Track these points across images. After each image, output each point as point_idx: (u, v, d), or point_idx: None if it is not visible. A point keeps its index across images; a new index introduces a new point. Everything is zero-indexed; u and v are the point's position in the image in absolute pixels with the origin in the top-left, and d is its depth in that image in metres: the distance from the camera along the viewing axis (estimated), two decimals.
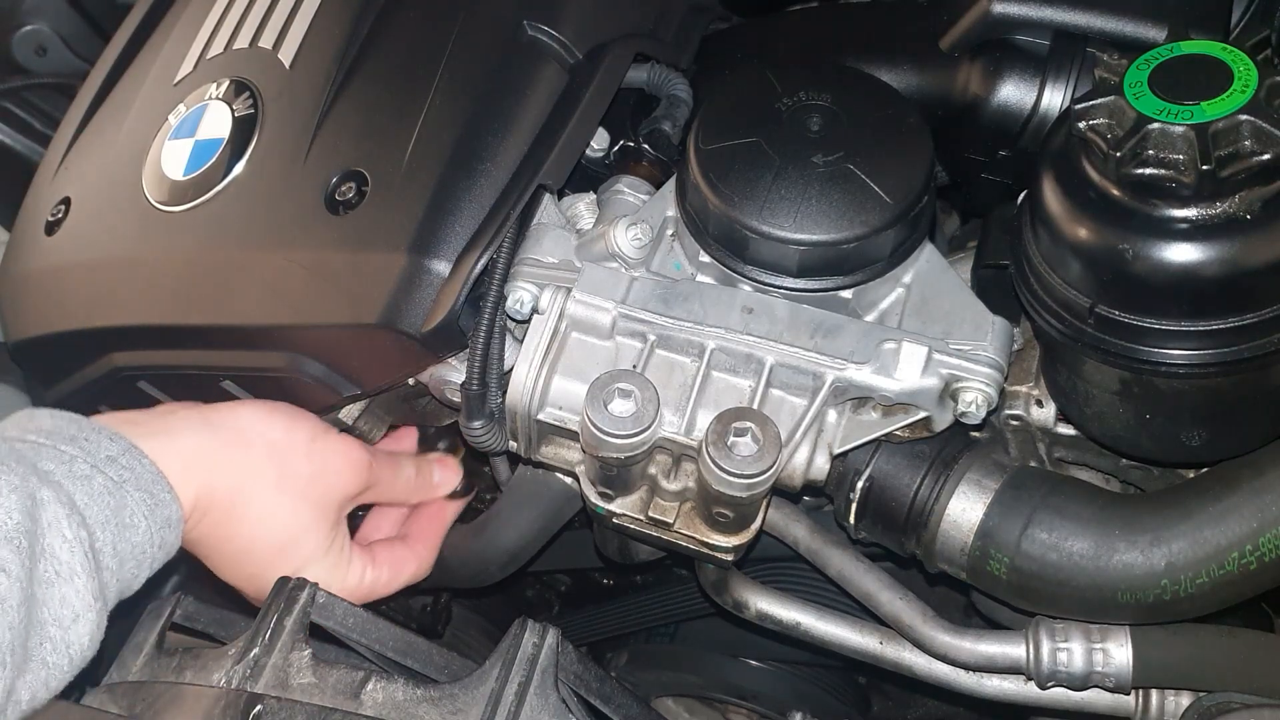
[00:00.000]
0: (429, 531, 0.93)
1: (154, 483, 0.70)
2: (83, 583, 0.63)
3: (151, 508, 0.69)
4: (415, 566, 0.90)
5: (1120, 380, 0.72)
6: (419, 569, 0.90)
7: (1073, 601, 0.74)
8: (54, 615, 0.62)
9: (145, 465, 0.71)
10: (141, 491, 0.69)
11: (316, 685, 0.73)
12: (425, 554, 0.91)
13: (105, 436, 0.70)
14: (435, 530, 0.93)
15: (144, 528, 0.68)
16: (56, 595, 0.62)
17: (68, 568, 0.63)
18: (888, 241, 0.76)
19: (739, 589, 0.90)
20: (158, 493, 0.70)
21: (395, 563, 0.88)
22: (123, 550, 0.67)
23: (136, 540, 0.68)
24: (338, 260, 0.80)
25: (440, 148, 0.81)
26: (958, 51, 0.88)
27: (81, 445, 0.69)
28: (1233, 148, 0.63)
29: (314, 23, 0.92)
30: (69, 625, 0.63)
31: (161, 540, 0.70)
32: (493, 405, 0.81)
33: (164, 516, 0.70)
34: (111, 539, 0.66)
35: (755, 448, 0.70)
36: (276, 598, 0.76)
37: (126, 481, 0.69)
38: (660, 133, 0.90)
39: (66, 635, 0.62)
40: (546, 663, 0.74)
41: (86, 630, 0.64)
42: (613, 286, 0.79)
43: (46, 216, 0.97)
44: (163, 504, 0.70)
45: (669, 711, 1.19)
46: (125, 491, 0.68)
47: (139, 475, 0.70)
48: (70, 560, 0.63)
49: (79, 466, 0.67)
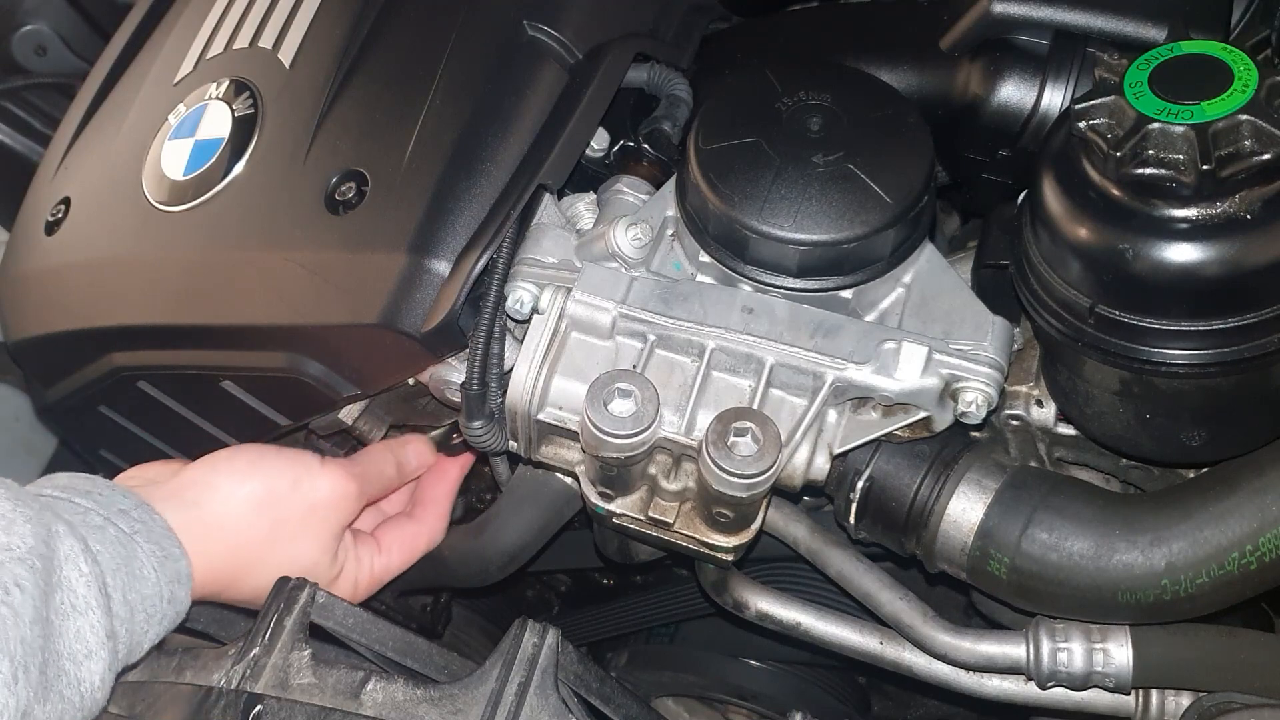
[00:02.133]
0: (435, 498, 0.94)
1: (164, 537, 0.72)
2: (97, 619, 0.64)
3: (161, 560, 0.70)
4: (427, 537, 0.92)
5: (1120, 380, 0.72)
6: (431, 538, 0.93)
7: (1073, 601, 0.74)
8: (69, 649, 0.62)
9: (156, 521, 0.72)
10: (152, 544, 0.70)
11: (316, 685, 0.73)
12: (434, 522, 0.93)
13: (119, 493, 0.72)
14: (441, 495, 0.95)
15: (154, 580, 0.69)
16: (72, 629, 0.63)
17: (84, 601, 0.63)
18: (888, 241, 0.76)
19: (739, 589, 0.90)
20: (168, 547, 0.71)
21: (404, 541, 0.90)
22: (133, 600, 0.68)
23: (147, 592, 0.69)
24: (338, 260, 0.80)
25: (440, 147, 0.81)
26: (958, 51, 0.88)
27: (95, 499, 0.70)
28: (1233, 148, 0.63)
29: (314, 23, 0.92)
30: (82, 661, 0.63)
31: (171, 595, 0.71)
32: (493, 405, 0.81)
33: (174, 571, 0.71)
34: (122, 586, 0.67)
35: (755, 448, 0.70)
36: (276, 598, 0.76)
37: (138, 533, 0.70)
38: (660, 133, 0.90)
39: (79, 671, 0.63)
40: (546, 663, 0.74)
41: (98, 670, 0.64)
42: (613, 286, 0.79)
43: (46, 216, 0.97)
44: (172, 558, 0.71)
45: (669, 711, 1.19)
46: (136, 543, 0.69)
47: (150, 529, 0.71)
48: (86, 594, 0.64)
49: (92, 517, 0.69)
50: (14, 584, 0.60)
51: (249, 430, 0.93)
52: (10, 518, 0.63)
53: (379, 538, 0.89)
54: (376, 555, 0.88)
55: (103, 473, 1.07)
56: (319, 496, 0.82)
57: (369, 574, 0.87)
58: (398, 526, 0.91)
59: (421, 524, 0.92)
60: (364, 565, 0.87)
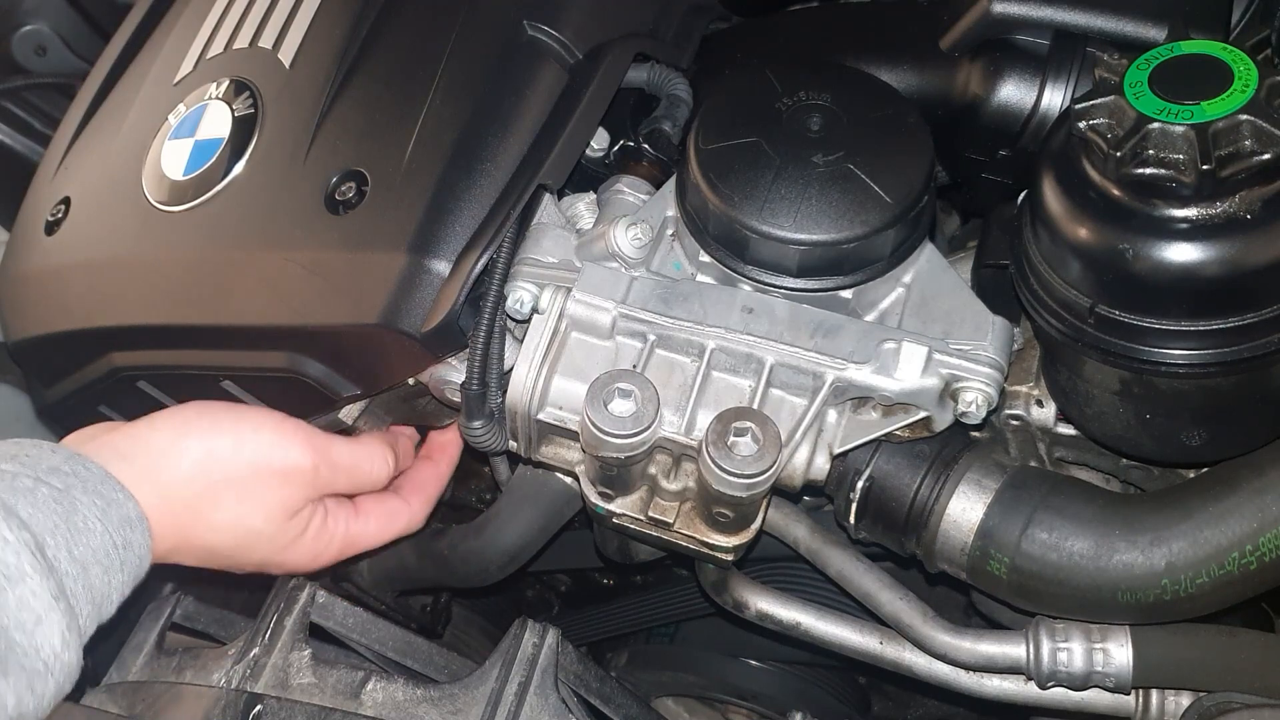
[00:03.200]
0: (422, 484, 0.91)
1: (103, 483, 0.69)
2: (36, 584, 0.62)
3: (104, 509, 0.67)
4: (407, 517, 0.88)
5: (1120, 380, 0.72)
6: (411, 519, 0.89)
7: (1073, 601, 0.74)
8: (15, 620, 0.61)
9: (92, 469, 0.69)
10: (90, 495, 0.67)
11: (316, 685, 0.73)
12: (419, 505, 0.89)
13: (47, 450, 0.69)
14: (430, 481, 0.92)
15: (100, 530, 0.67)
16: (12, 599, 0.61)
17: (15, 569, 0.61)
18: (888, 241, 0.76)
19: (739, 589, 0.90)
20: (108, 494, 0.68)
21: (384, 515, 0.87)
22: (81, 555, 0.65)
23: (95, 544, 0.66)
24: (338, 260, 0.80)
25: (440, 147, 0.81)
26: (958, 51, 0.88)
27: (22, 461, 0.67)
28: (1233, 147, 0.63)
29: (314, 23, 0.92)
30: (33, 629, 0.61)
31: (125, 540, 0.68)
32: (493, 405, 0.81)
33: (120, 515, 0.68)
34: (65, 543, 0.65)
35: (755, 448, 0.70)
36: (276, 598, 0.76)
37: (73, 488, 0.67)
38: (660, 132, 0.90)
39: (33, 639, 0.61)
40: (546, 663, 0.74)
41: (55, 632, 0.62)
42: (613, 286, 0.79)
43: (46, 216, 0.97)
44: (116, 504, 0.68)
45: (669, 711, 1.19)
46: (73, 497, 0.66)
47: (85, 480, 0.68)
48: (16, 562, 0.62)
49: (21, 481, 0.66)
50: None
51: None
52: None
53: (358, 503, 0.86)
54: (353, 519, 0.84)
55: None
56: (264, 461, 0.77)
57: (341, 536, 0.83)
58: (379, 499, 0.87)
59: (404, 503, 0.89)
60: (336, 525, 0.83)
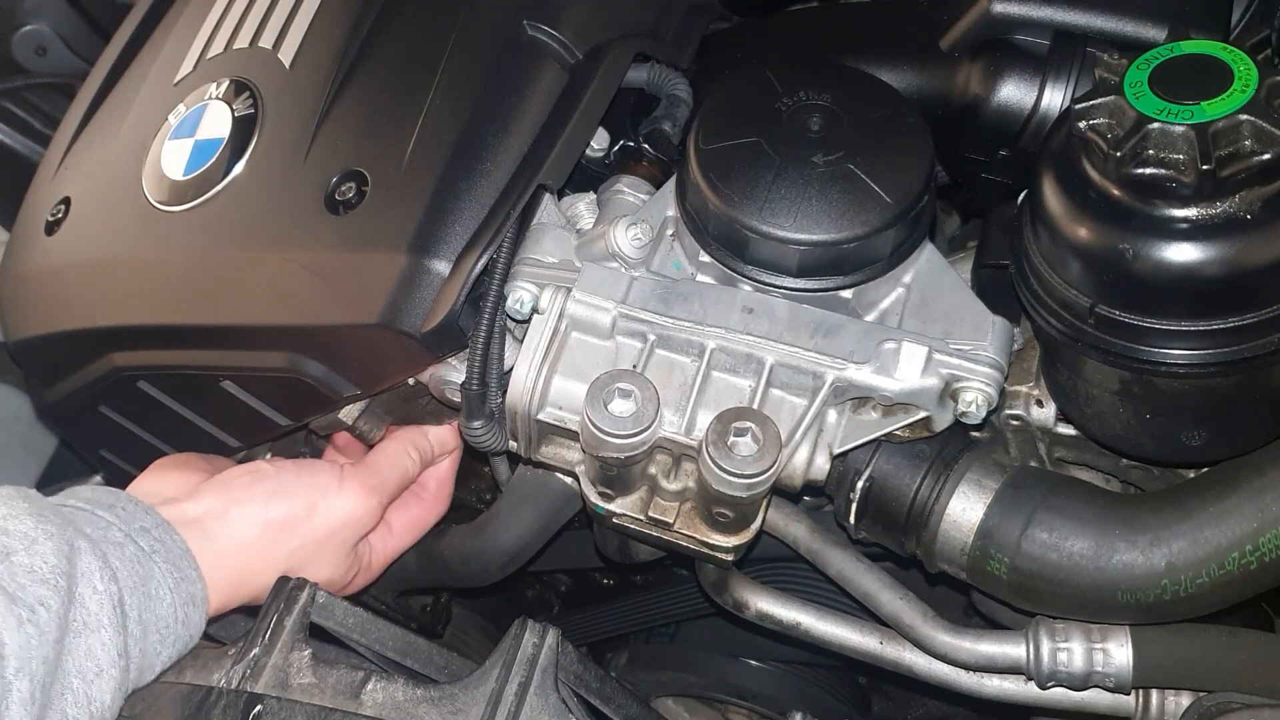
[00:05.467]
0: (439, 475, 0.94)
1: (182, 559, 0.72)
2: (109, 636, 0.64)
3: (178, 582, 0.70)
4: (435, 514, 0.93)
5: (1120, 380, 0.72)
6: (438, 514, 0.94)
7: (1073, 601, 0.74)
8: (78, 666, 0.62)
9: (176, 541, 0.72)
10: (169, 565, 0.70)
11: (316, 685, 0.73)
12: (441, 498, 0.94)
13: (141, 510, 0.72)
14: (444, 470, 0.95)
15: (169, 601, 0.69)
16: (83, 646, 0.62)
17: (95, 619, 0.63)
18: (888, 241, 0.76)
19: (739, 589, 0.90)
20: (184, 569, 0.71)
21: (413, 522, 0.91)
22: (147, 619, 0.68)
23: (161, 612, 0.69)
24: (338, 260, 0.80)
25: (440, 147, 0.81)
26: (958, 51, 0.88)
27: (118, 514, 0.70)
28: (1233, 147, 0.63)
29: (314, 23, 0.92)
30: (92, 679, 0.63)
31: (185, 617, 0.71)
32: (493, 405, 0.81)
33: (189, 593, 0.71)
34: (138, 604, 0.67)
35: (755, 448, 0.70)
36: (276, 598, 0.76)
37: (156, 553, 0.70)
38: (660, 133, 0.90)
39: (89, 689, 0.62)
40: (546, 663, 0.74)
41: (109, 688, 0.63)
42: (613, 286, 0.79)
43: (46, 216, 0.97)
44: (188, 580, 0.71)
45: (669, 711, 1.19)
46: (154, 563, 0.69)
47: (169, 549, 0.71)
48: (99, 612, 0.64)
49: (114, 533, 0.69)
50: (39, 604, 0.60)
51: (249, 430, 0.93)
52: (33, 536, 0.63)
53: (389, 521, 0.90)
54: (388, 538, 0.89)
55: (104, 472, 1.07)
56: (337, 520, 0.82)
57: (382, 558, 0.89)
58: (405, 509, 0.91)
59: (426, 503, 0.93)
60: (376, 554, 0.88)
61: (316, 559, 0.81)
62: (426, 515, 0.93)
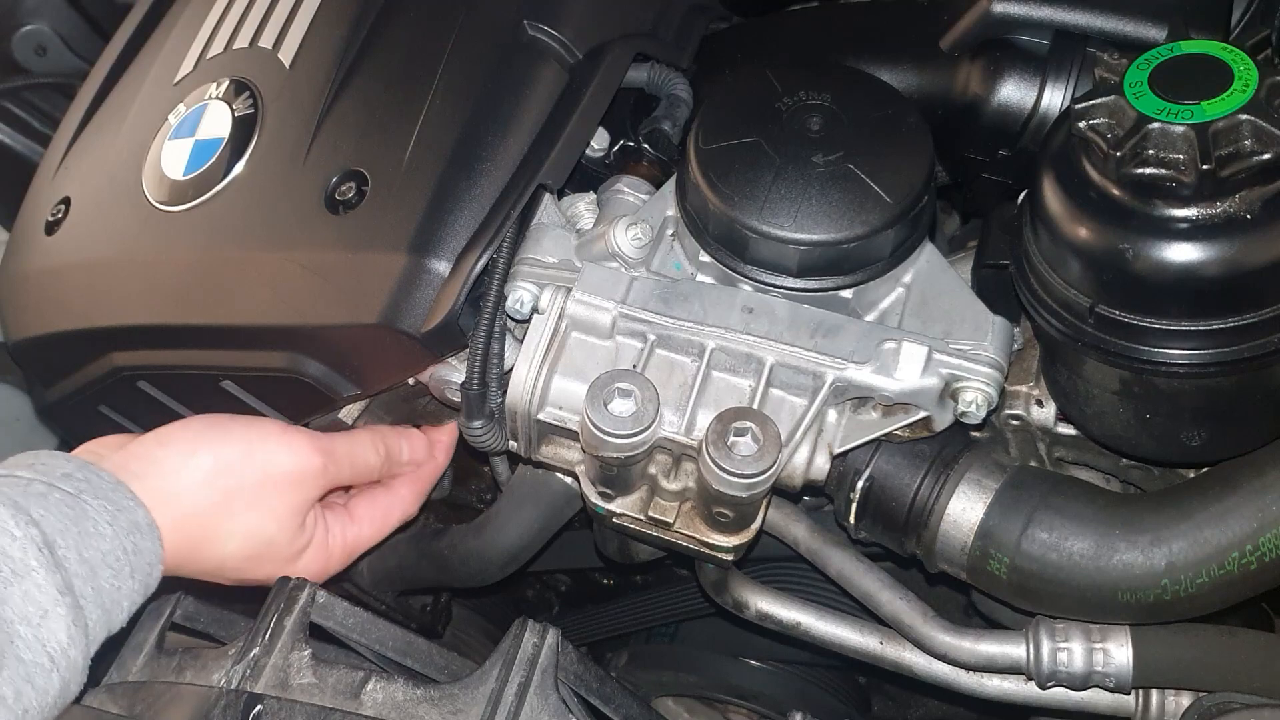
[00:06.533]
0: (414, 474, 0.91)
1: (113, 490, 0.70)
2: (42, 578, 0.63)
3: (115, 513, 0.69)
4: (401, 510, 0.89)
5: (1120, 380, 0.72)
6: (405, 511, 0.89)
7: (1073, 601, 0.74)
8: (19, 613, 0.62)
9: (103, 477, 0.70)
10: (100, 500, 0.69)
11: (316, 685, 0.73)
12: (409, 496, 0.90)
13: (61, 459, 0.71)
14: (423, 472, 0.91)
15: (110, 534, 0.68)
16: (17, 593, 0.62)
17: (21, 564, 0.63)
18: (888, 241, 0.76)
19: (739, 589, 0.90)
20: (118, 499, 0.70)
21: (377, 512, 0.88)
22: (91, 556, 0.66)
23: (105, 546, 0.67)
24: (338, 260, 0.80)
25: (440, 147, 0.81)
26: (958, 51, 0.88)
27: (37, 469, 0.69)
28: (1233, 147, 0.63)
29: (314, 22, 0.92)
30: (38, 622, 0.62)
31: (135, 546, 0.69)
32: (493, 405, 0.81)
33: (130, 521, 0.69)
34: (75, 544, 0.66)
35: (755, 447, 0.70)
36: (276, 598, 0.76)
37: (84, 492, 0.68)
38: (660, 132, 0.90)
39: (38, 633, 0.62)
40: (546, 663, 0.74)
41: (60, 626, 0.63)
42: (613, 286, 0.79)
43: (46, 216, 0.97)
44: (126, 510, 0.70)
45: (669, 711, 1.19)
46: (83, 501, 0.68)
47: (96, 486, 0.69)
48: (23, 558, 0.63)
49: (35, 486, 0.67)
50: None
51: None
52: None
53: (351, 509, 0.87)
54: (349, 525, 0.85)
55: None
56: (275, 467, 0.79)
57: (340, 545, 0.85)
58: (370, 497, 0.88)
59: (395, 495, 0.89)
60: (335, 536, 0.84)
61: (256, 506, 0.78)
62: (391, 509, 0.89)
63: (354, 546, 0.86)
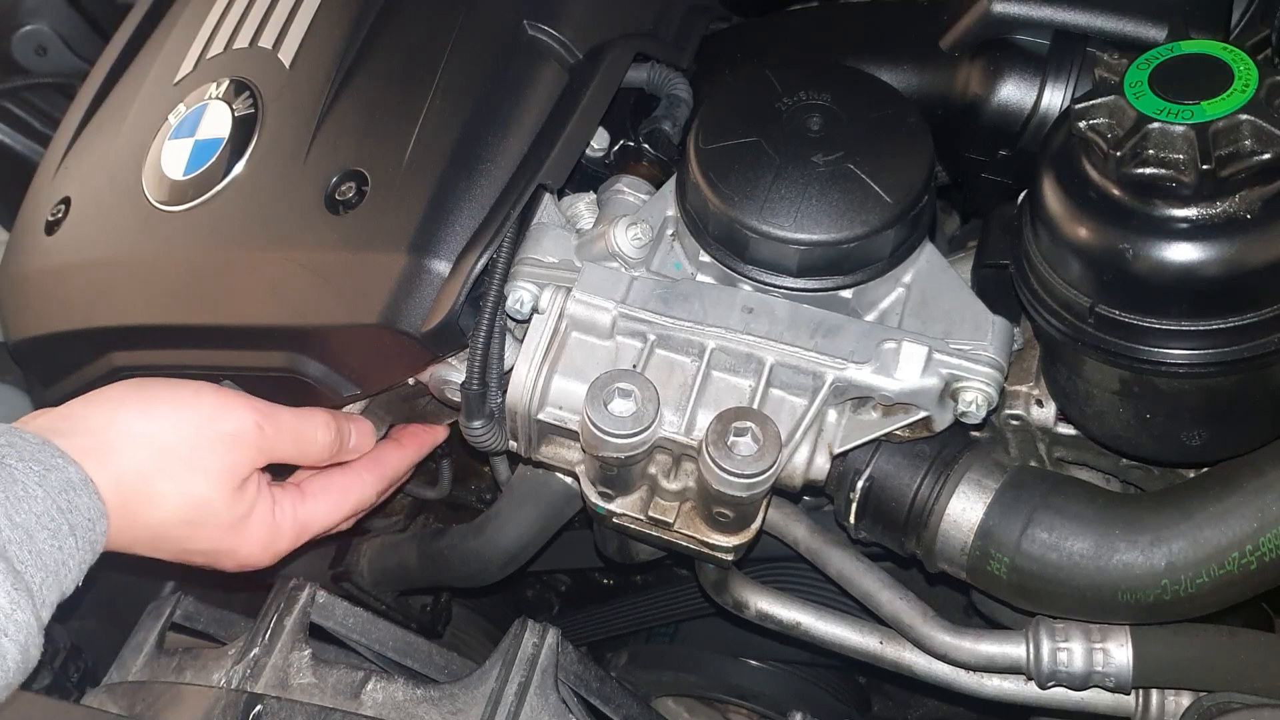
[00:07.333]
0: (381, 460, 0.89)
1: (40, 449, 0.68)
2: None
3: (43, 474, 0.67)
4: (359, 491, 0.86)
5: (1120, 380, 0.72)
6: (363, 493, 0.87)
7: (1073, 601, 0.74)
8: None
9: (27, 438, 0.68)
10: (25, 462, 0.67)
11: (316, 685, 0.73)
12: (371, 480, 0.87)
13: None
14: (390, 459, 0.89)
15: (40, 495, 0.66)
16: None
17: None
18: (888, 241, 0.76)
19: (739, 589, 0.90)
20: (46, 459, 0.68)
21: (332, 489, 0.85)
22: (24, 520, 0.64)
23: (37, 509, 0.65)
24: (338, 260, 0.80)
25: (440, 147, 0.81)
26: (958, 51, 0.88)
27: None
28: (1233, 147, 0.63)
29: (314, 22, 0.92)
30: None
31: (70, 504, 0.67)
32: (493, 405, 0.81)
33: (61, 480, 0.67)
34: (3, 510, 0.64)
35: (755, 447, 0.70)
36: (276, 598, 0.76)
37: (7, 456, 0.66)
38: (660, 132, 0.90)
39: None
40: (546, 663, 0.74)
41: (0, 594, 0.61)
42: (613, 286, 0.79)
43: (46, 216, 0.97)
44: (55, 469, 0.68)
45: (669, 711, 1.19)
46: (8, 465, 0.66)
47: (20, 448, 0.67)
48: None
49: None
50: None
51: None
52: None
53: (303, 486, 0.84)
54: (300, 502, 0.82)
55: None
56: (209, 424, 0.76)
57: (291, 521, 0.81)
58: (326, 475, 0.85)
59: (354, 477, 0.86)
60: (284, 511, 0.81)
61: (190, 465, 0.75)
62: (349, 490, 0.85)
63: (306, 524, 0.83)
